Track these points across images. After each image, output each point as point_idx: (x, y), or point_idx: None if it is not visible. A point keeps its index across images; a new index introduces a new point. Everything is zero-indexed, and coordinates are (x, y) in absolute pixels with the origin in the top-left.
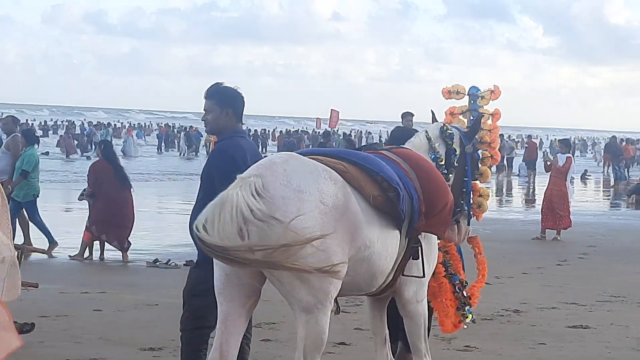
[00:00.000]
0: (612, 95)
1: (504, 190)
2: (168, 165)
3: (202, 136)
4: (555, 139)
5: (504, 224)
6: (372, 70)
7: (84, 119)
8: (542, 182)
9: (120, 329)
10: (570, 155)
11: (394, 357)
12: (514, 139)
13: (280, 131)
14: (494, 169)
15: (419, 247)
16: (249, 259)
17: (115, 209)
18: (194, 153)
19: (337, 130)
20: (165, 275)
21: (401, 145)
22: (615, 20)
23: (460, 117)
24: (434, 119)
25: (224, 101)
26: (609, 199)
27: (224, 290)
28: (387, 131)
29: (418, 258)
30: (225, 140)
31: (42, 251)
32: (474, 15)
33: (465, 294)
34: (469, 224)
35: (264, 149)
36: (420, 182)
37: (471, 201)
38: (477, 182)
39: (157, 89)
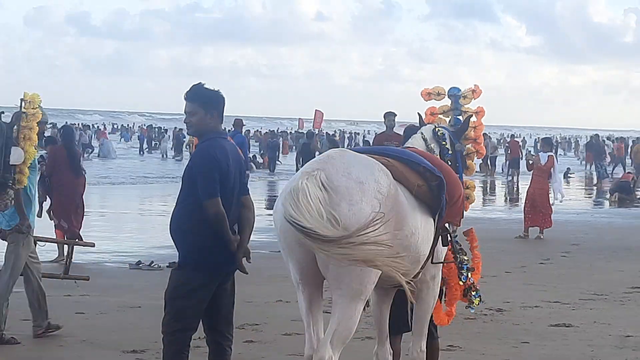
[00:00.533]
0: (595, 94)
1: (487, 189)
2: (149, 168)
3: (184, 137)
4: (539, 137)
5: (487, 222)
6: (356, 70)
7: (67, 122)
8: (525, 181)
9: (103, 331)
10: (552, 153)
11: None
12: (497, 138)
13: (259, 130)
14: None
15: (448, 235)
16: (328, 236)
17: (69, 197)
18: (179, 156)
19: (321, 131)
20: (148, 277)
21: (406, 146)
22: (598, 19)
23: (440, 116)
24: (421, 121)
25: (208, 104)
26: (591, 198)
27: (302, 280)
28: (375, 131)
29: (447, 245)
30: (208, 141)
31: (91, 244)
32: (458, 15)
33: (468, 276)
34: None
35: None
36: (442, 173)
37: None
38: (464, 174)
39: (141, 90)
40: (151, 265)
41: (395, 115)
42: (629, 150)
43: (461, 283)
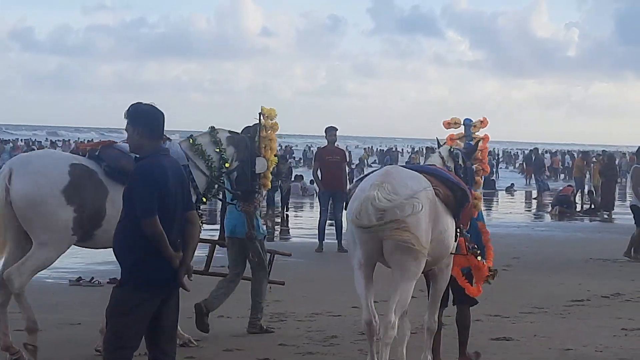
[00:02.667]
0: (537, 108)
1: None
2: None
3: None
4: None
5: None
6: (300, 85)
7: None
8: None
9: (42, 349)
10: None
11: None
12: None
13: None
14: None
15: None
16: (385, 229)
17: None
18: None
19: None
20: (88, 293)
21: (428, 163)
22: (540, 34)
23: (457, 141)
24: (439, 144)
25: (134, 120)
26: (532, 211)
27: (365, 262)
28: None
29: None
30: (145, 159)
31: (288, 254)
32: (402, 30)
33: (481, 260)
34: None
35: None
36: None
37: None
38: (472, 190)
39: (85, 105)
40: (91, 281)
41: (337, 129)
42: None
43: (484, 263)
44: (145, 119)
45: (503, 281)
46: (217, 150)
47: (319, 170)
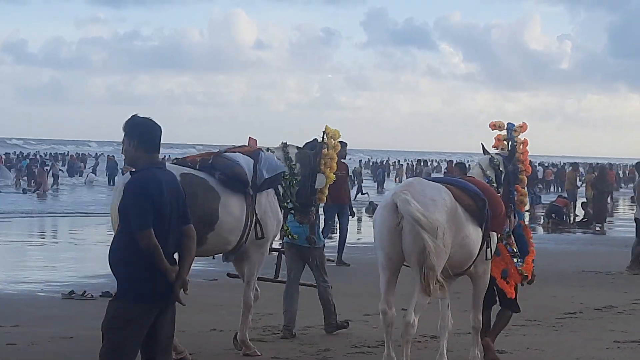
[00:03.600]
0: (530, 120)
1: None
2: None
3: (117, 165)
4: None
5: None
6: (293, 98)
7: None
8: None
9: None
10: None
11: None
12: (431, 164)
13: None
14: None
15: (490, 240)
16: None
17: None
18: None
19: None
20: (81, 307)
21: (468, 175)
22: (533, 46)
23: (504, 142)
24: (484, 150)
25: (130, 133)
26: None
27: (387, 264)
28: None
29: (489, 247)
30: (140, 172)
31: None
32: (396, 43)
33: (520, 262)
34: (516, 218)
35: None
36: (486, 195)
37: (515, 200)
38: (519, 186)
39: (77, 118)
40: (84, 294)
41: (346, 144)
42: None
43: (518, 268)
44: (141, 131)
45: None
46: (289, 165)
47: None
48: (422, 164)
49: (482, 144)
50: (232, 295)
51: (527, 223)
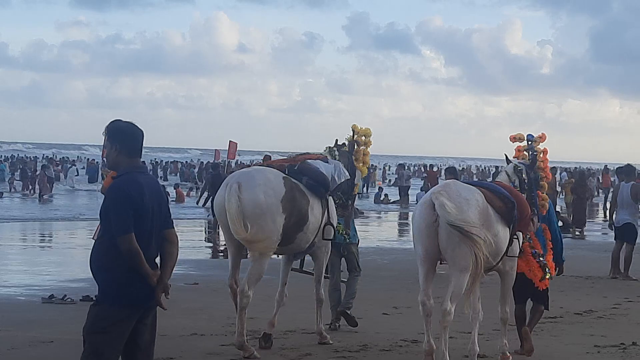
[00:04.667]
0: (510, 125)
1: (401, 219)
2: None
3: (98, 169)
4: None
5: (401, 253)
6: (274, 102)
7: None
8: None
9: None
10: None
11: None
12: (411, 168)
13: (176, 161)
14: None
15: (517, 239)
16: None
17: None
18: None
19: (238, 161)
20: (61, 311)
21: (496, 181)
22: (514, 51)
23: (524, 152)
24: (507, 159)
25: (112, 137)
26: None
27: (425, 258)
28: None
29: (516, 245)
30: (122, 176)
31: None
32: (378, 47)
33: (543, 261)
34: (539, 221)
35: (164, 180)
36: (514, 199)
37: (537, 204)
38: (540, 192)
39: (57, 121)
40: (64, 299)
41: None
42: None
43: (538, 263)
44: (123, 136)
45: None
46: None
47: None
48: (402, 167)
49: (505, 154)
50: (213, 300)
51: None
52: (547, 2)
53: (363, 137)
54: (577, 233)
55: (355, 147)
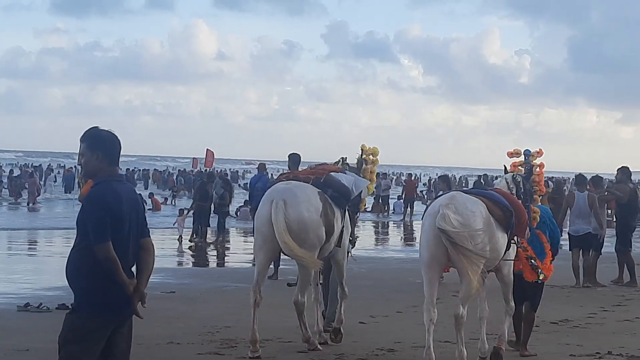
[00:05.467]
0: (488, 134)
1: (379, 228)
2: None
3: (74, 177)
4: (437, 175)
5: (379, 262)
6: (252, 110)
7: None
8: (419, 220)
9: None
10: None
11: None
12: (391, 177)
13: (157, 170)
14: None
15: (515, 244)
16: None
17: None
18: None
19: (214, 169)
20: (37, 319)
21: (495, 187)
22: (492, 61)
23: (519, 167)
24: (506, 170)
25: (93, 144)
26: None
27: (430, 265)
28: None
29: (512, 248)
30: (100, 184)
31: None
32: (357, 55)
33: (535, 264)
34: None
35: (145, 188)
36: (513, 207)
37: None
38: (532, 205)
39: (34, 129)
40: (40, 307)
41: (299, 156)
42: None
43: (530, 265)
44: (104, 144)
45: (452, 308)
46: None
47: None
48: (379, 176)
49: (504, 165)
50: (189, 308)
51: None
52: (526, 12)
53: (371, 156)
54: None
55: (364, 165)
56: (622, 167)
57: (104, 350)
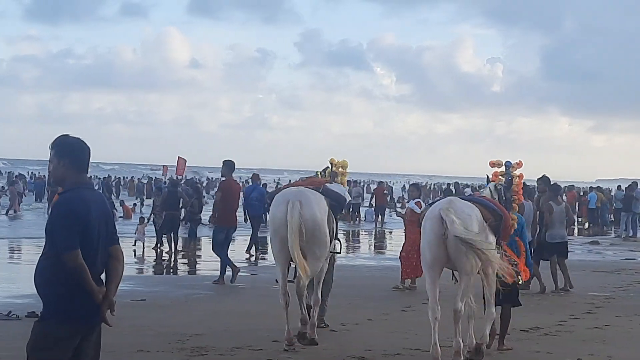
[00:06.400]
0: (460, 142)
1: (350, 236)
2: None
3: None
4: (408, 182)
5: (349, 270)
6: (225, 117)
7: None
8: (389, 228)
9: None
10: (419, 200)
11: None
12: (362, 185)
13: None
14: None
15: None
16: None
17: None
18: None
19: (185, 177)
20: (5, 327)
21: (480, 195)
22: (465, 69)
23: (500, 177)
24: (488, 180)
25: (60, 152)
26: None
27: (433, 265)
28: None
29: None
30: (68, 192)
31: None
32: (330, 63)
33: (516, 268)
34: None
35: (117, 196)
36: (502, 214)
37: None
38: (511, 213)
39: (3, 136)
40: (9, 315)
41: (234, 163)
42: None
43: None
44: (72, 151)
45: (422, 315)
46: None
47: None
48: (350, 184)
49: (487, 175)
50: (159, 316)
51: None
52: (500, 21)
53: (340, 169)
54: None
55: (335, 178)
56: (543, 176)
57: (73, 358)
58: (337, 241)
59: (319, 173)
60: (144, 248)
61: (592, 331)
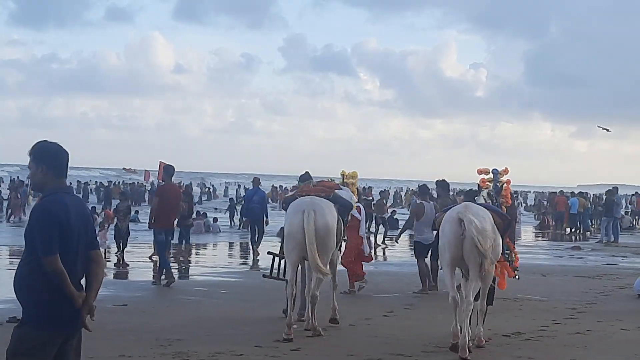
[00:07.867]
0: (443, 147)
1: None
2: None
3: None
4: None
5: None
6: (208, 122)
7: None
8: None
9: None
10: (359, 205)
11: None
12: None
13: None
14: None
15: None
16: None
17: None
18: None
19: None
20: None
21: (478, 202)
22: (449, 74)
23: (488, 183)
24: (479, 187)
25: (38, 158)
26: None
27: (451, 263)
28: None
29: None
30: (47, 197)
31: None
32: (315, 68)
33: (512, 263)
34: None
35: (103, 201)
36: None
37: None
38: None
39: None
40: None
41: (173, 167)
42: None
43: (509, 265)
44: (49, 157)
45: (405, 320)
46: None
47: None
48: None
49: (478, 183)
50: (141, 321)
51: None
52: (486, 26)
53: (351, 179)
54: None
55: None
56: (442, 180)
57: None
58: (343, 240)
59: (342, 176)
60: (105, 254)
61: (573, 336)
